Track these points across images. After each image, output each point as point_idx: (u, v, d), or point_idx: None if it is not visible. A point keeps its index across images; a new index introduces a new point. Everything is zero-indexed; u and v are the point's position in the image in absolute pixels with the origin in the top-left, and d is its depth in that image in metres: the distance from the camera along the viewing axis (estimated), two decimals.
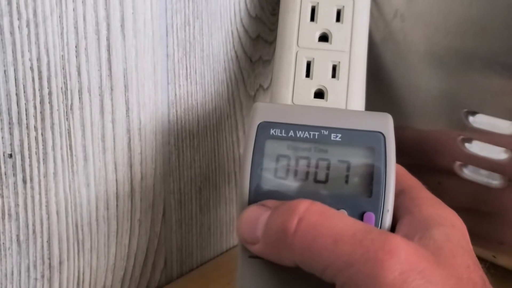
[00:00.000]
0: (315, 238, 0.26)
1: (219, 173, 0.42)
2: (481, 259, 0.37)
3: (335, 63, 0.34)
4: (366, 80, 0.34)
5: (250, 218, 0.28)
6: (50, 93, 0.31)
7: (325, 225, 0.26)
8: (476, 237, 0.36)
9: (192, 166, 0.40)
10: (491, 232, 0.35)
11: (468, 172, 0.35)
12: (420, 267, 0.25)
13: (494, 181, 0.34)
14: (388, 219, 0.30)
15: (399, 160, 0.31)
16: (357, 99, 0.34)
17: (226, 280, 0.41)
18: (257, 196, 0.30)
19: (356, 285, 0.25)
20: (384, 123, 0.30)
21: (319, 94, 0.34)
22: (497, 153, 0.33)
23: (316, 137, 0.30)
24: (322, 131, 0.30)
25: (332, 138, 0.30)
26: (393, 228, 0.30)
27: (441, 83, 0.35)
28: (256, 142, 0.30)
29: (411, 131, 0.36)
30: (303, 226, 0.26)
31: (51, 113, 0.31)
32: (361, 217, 0.29)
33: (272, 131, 0.30)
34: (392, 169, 0.30)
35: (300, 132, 0.30)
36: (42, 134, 0.31)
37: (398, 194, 0.30)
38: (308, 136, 0.30)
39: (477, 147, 0.34)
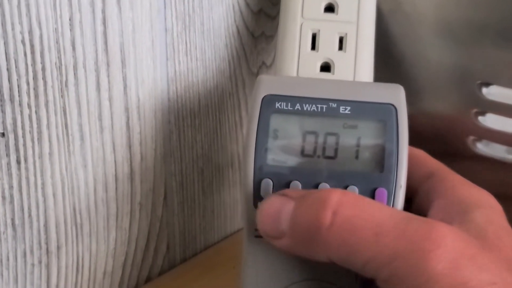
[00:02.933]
0: (353, 232, 0.24)
1: (222, 154, 0.40)
2: None
3: (342, 35, 0.32)
4: (374, 53, 0.33)
5: (272, 210, 0.26)
6: (43, 69, 0.29)
7: (362, 217, 0.25)
8: None
9: (193, 146, 0.38)
10: (508, 210, 0.34)
11: (482, 147, 0.33)
12: (469, 254, 0.23)
13: (510, 155, 0.33)
14: (401, 196, 0.28)
15: (410, 135, 0.29)
16: (365, 73, 0.32)
17: (231, 264, 0.40)
18: (262, 173, 0.28)
19: (401, 279, 0.23)
20: (396, 95, 0.29)
21: (326, 68, 0.32)
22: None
23: (324, 110, 0.29)
24: (331, 103, 0.29)
25: (341, 111, 0.29)
26: (408, 206, 0.28)
27: (452, 55, 0.33)
28: (261, 117, 0.29)
29: (422, 105, 0.35)
30: (338, 220, 0.25)
31: (45, 89, 0.30)
32: (372, 194, 0.28)
33: (277, 105, 0.29)
34: (405, 143, 0.28)
35: (307, 105, 0.29)
36: (36, 112, 0.30)
37: (427, 177, 0.28)
38: (316, 109, 0.29)
39: (491, 121, 0.33)
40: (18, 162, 0.30)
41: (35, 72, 0.29)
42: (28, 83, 0.29)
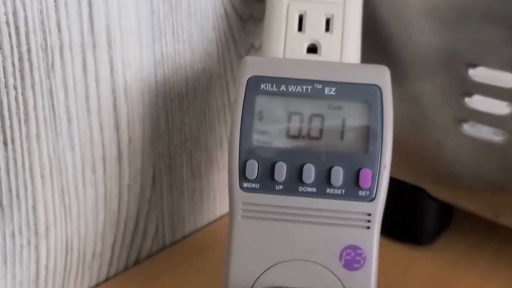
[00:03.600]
0: None
1: (210, 136, 0.40)
2: (483, 218, 0.37)
3: (329, 16, 0.32)
4: (362, 36, 0.33)
5: None
6: (29, 50, 0.29)
7: None
8: (477, 195, 0.35)
9: (181, 129, 0.38)
10: (492, 191, 0.34)
11: (469, 129, 0.34)
12: None
13: (497, 137, 0.33)
14: (385, 176, 0.29)
15: (396, 116, 0.29)
16: (352, 55, 0.32)
17: (220, 246, 0.40)
18: (247, 154, 0.29)
19: None
20: (381, 76, 0.29)
21: (312, 49, 0.32)
22: (499, 108, 0.32)
23: (309, 91, 0.29)
24: (316, 85, 0.29)
25: (326, 92, 0.29)
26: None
27: (439, 37, 0.33)
28: (246, 98, 0.29)
29: (408, 87, 0.35)
30: None
31: (31, 71, 0.30)
32: (357, 174, 0.28)
33: (262, 86, 0.29)
34: (390, 124, 0.29)
35: (292, 86, 0.29)
36: (22, 93, 0.30)
37: None
38: (301, 91, 0.29)
39: (478, 102, 0.33)
40: (5, 143, 0.30)
41: (20, 54, 0.29)
42: (13, 65, 0.29)
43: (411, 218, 0.39)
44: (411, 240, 0.40)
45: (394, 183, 0.31)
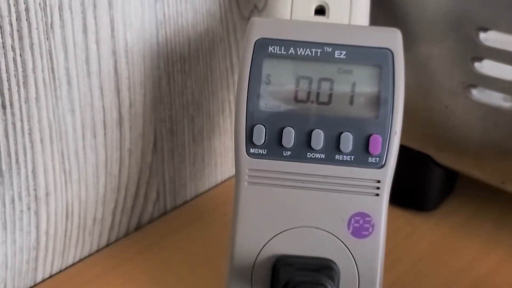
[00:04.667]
0: None
1: (213, 100, 0.40)
2: (486, 184, 0.36)
3: None
4: None
5: None
6: (27, 9, 0.28)
7: None
8: (484, 161, 0.35)
9: (183, 92, 0.37)
10: (500, 157, 0.34)
11: (478, 94, 0.33)
12: None
13: (506, 103, 0.32)
14: (395, 142, 0.28)
15: (405, 81, 0.29)
16: (361, 17, 0.31)
17: (222, 211, 0.39)
18: (254, 119, 0.28)
19: None
20: (392, 39, 0.28)
21: (320, 11, 0.31)
22: (510, 73, 0.31)
23: (319, 54, 0.28)
24: (325, 48, 0.28)
25: (336, 56, 0.28)
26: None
27: None
28: (253, 61, 0.28)
29: (417, 51, 0.34)
30: None
31: (30, 31, 0.29)
32: (367, 140, 0.28)
33: (270, 49, 0.28)
34: (401, 89, 0.28)
35: (301, 49, 0.28)
36: (20, 55, 0.29)
37: None
38: (310, 54, 0.28)
39: (488, 67, 0.32)
40: (4, 107, 0.29)
41: (18, 13, 0.28)
42: (11, 24, 0.28)
43: (415, 184, 0.39)
44: (415, 206, 0.40)
45: (399, 148, 0.30)
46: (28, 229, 0.32)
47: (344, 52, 0.28)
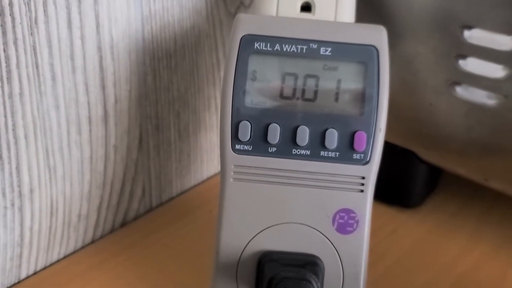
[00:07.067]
0: None
1: (199, 97, 0.40)
2: (470, 181, 0.37)
3: None
4: None
5: None
6: (11, 4, 0.28)
7: None
8: (468, 159, 0.35)
9: (169, 88, 0.37)
10: (483, 154, 0.34)
11: (462, 91, 0.33)
12: None
13: (490, 100, 0.32)
14: (380, 139, 0.28)
15: (390, 78, 0.29)
16: (347, 14, 0.31)
17: (207, 207, 0.39)
18: (240, 115, 0.28)
19: None
20: (378, 36, 0.28)
21: (306, 8, 0.31)
22: (494, 71, 0.32)
23: (304, 51, 0.28)
24: (311, 44, 0.28)
25: (321, 52, 0.28)
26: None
27: None
28: (239, 57, 0.28)
29: (402, 48, 0.34)
30: None
31: (13, 26, 0.28)
32: (352, 137, 0.28)
33: (256, 45, 0.28)
34: (386, 86, 0.28)
35: (287, 45, 0.28)
36: (4, 50, 0.28)
37: None
38: (296, 50, 0.28)
39: (472, 65, 0.32)
40: None
41: (1, 8, 0.28)
42: None
43: (399, 181, 0.39)
44: (399, 202, 0.40)
45: (384, 145, 0.31)
46: (12, 225, 0.32)
47: (329, 49, 0.28)
